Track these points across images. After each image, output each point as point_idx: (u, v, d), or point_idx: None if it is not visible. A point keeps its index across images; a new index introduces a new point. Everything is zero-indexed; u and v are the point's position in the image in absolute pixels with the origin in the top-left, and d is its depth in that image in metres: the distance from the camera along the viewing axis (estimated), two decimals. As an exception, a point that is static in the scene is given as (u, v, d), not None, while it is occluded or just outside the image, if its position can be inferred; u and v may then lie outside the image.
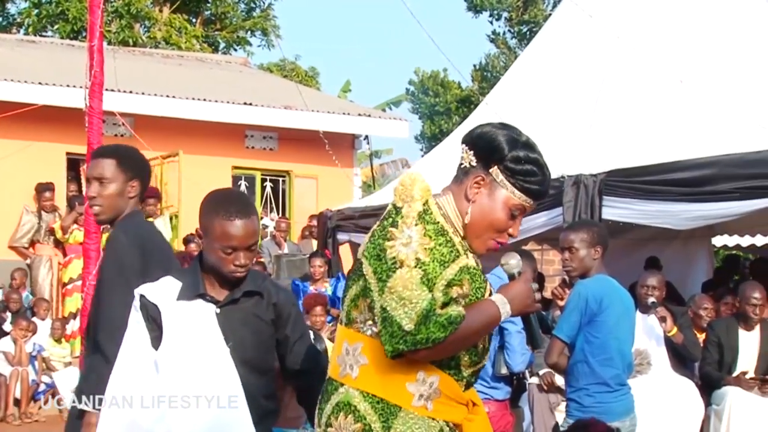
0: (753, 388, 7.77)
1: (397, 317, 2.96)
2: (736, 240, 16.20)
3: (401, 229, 3.05)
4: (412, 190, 3.12)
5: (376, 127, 17.74)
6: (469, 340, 3.08)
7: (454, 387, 3.15)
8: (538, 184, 3.17)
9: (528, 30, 31.89)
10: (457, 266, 3.06)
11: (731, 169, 7.83)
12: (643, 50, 9.61)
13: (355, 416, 3.09)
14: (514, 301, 3.13)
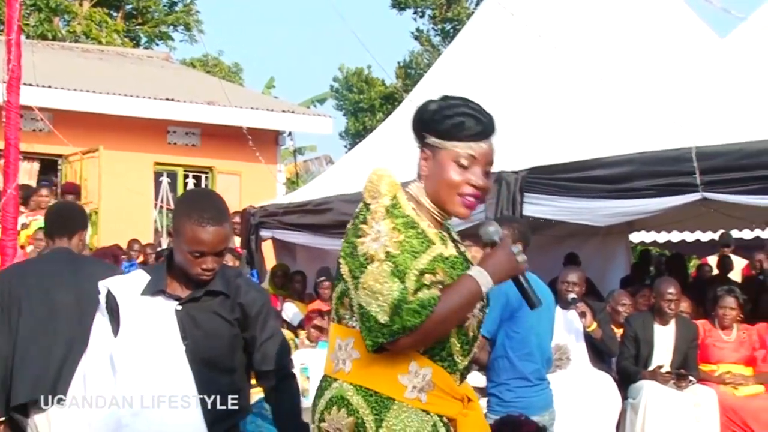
0: (668, 382, 7.89)
1: (371, 312, 2.95)
2: (653, 236, 16.46)
3: (370, 225, 3.03)
4: (379, 186, 3.10)
5: (300, 124, 17.73)
6: (450, 320, 3.02)
7: (448, 380, 3.11)
8: (468, 127, 3.10)
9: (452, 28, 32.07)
10: (430, 256, 3.02)
11: (649, 166, 7.96)
12: (564, 49, 9.72)
13: (348, 409, 3.06)
14: (494, 268, 3.06)
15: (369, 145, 11.59)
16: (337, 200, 10.12)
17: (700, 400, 7.80)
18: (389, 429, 3.02)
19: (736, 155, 7.59)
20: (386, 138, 11.07)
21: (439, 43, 33.03)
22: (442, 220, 3.21)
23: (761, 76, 8.40)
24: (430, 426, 3.06)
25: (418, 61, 33.91)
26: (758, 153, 7.49)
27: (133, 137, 15.55)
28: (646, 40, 10.07)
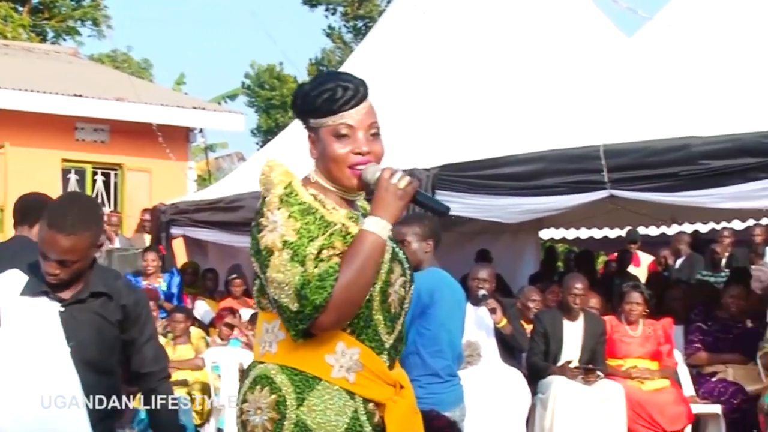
0: (577, 377, 7.99)
1: (283, 303, 2.91)
2: (562, 233, 16.66)
3: (267, 217, 2.98)
4: (271, 176, 3.05)
5: (211, 121, 17.58)
6: (360, 282, 2.94)
7: (377, 361, 3.05)
8: (336, 96, 3.05)
9: (363, 25, 32.09)
10: (327, 234, 2.96)
11: (558, 164, 8.06)
12: (475, 47, 9.80)
13: (271, 388, 3.01)
14: (383, 209, 2.98)
15: (281, 143, 11.55)
16: (249, 197, 10.08)
17: (608, 395, 7.92)
18: (309, 408, 2.97)
19: (643, 153, 7.73)
20: (298, 135, 11.02)
21: (351, 41, 33.03)
22: (350, 197, 3.16)
23: (667, 74, 8.56)
24: (351, 411, 3.00)
25: (330, 58, 33.87)
26: (664, 151, 7.64)
27: (40, 134, 15.27)
28: (556, 39, 10.20)
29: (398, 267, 3.16)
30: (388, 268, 3.09)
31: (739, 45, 8.17)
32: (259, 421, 3.02)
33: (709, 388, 8.48)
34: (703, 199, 7.84)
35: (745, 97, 7.82)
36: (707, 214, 13.17)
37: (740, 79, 7.98)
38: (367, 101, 3.11)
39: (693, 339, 8.83)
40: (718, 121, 7.62)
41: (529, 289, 9.51)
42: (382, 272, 3.05)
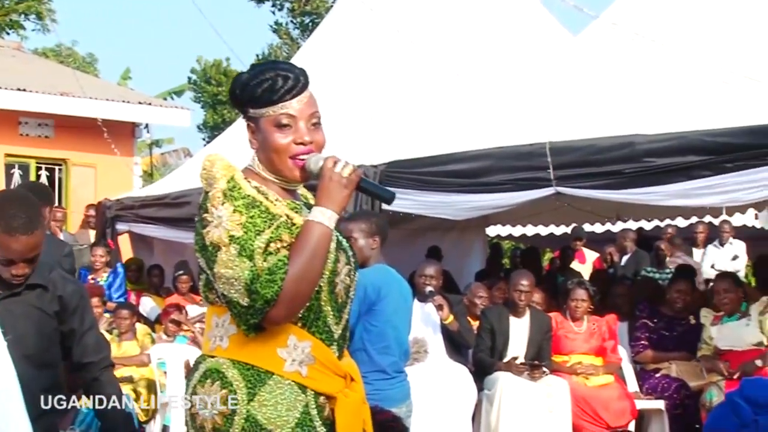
0: (522, 373, 8.03)
1: (233, 299, 2.90)
2: (508, 230, 16.75)
3: (211, 212, 2.96)
4: (213, 170, 3.02)
5: (157, 116, 17.47)
6: (310, 273, 2.93)
7: (328, 353, 3.05)
8: (276, 86, 3.05)
9: (311, 21, 31.98)
10: (274, 227, 2.95)
11: (504, 161, 8.10)
12: (423, 44, 9.82)
13: (222, 382, 2.99)
14: (327, 198, 2.97)
15: (228, 138, 11.50)
16: (196, 193, 9.97)
17: (553, 391, 7.97)
18: (260, 403, 2.96)
19: (588, 151, 7.79)
20: (245, 131, 10.98)
21: (298, 36, 32.93)
22: (291, 187, 3.15)
23: (613, 72, 8.64)
24: (301, 405, 2.99)
25: (277, 54, 33.74)
26: (609, 148, 7.70)
27: (-18, 129, 15.11)
28: (502, 37, 10.25)
29: (343, 256, 3.15)
30: (334, 257, 3.08)
31: (683, 44, 8.25)
32: (209, 414, 3.00)
33: (652, 383, 8.56)
34: (647, 197, 7.91)
35: (689, 96, 7.91)
36: (652, 212, 13.32)
37: (684, 77, 8.07)
38: (308, 91, 3.10)
39: (639, 336, 8.90)
40: (663, 120, 7.70)
41: (475, 286, 9.55)
42: (329, 262, 3.04)
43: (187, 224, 10.02)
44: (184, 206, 10.27)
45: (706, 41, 8.33)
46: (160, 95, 26.07)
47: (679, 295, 8.97)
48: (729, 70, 7.71)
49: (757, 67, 7.63)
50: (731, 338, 8.02)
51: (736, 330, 8.03)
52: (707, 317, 8.32)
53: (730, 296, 8.15)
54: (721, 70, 7.77)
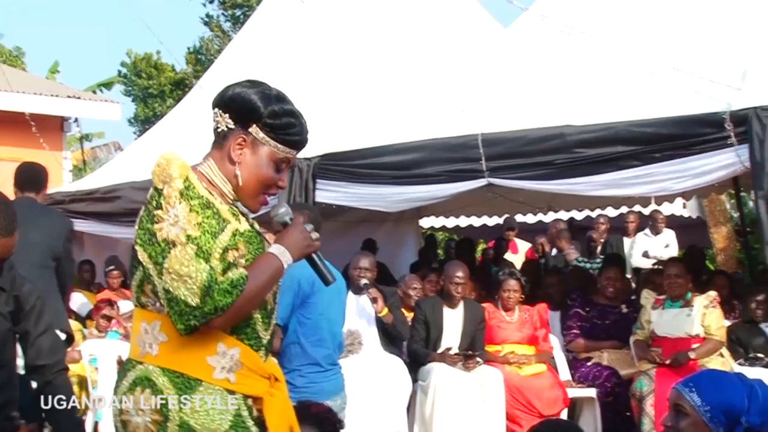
0: (457, 364, 8.08)
1: (181, 296, 2.92)
2: (442, 221, 16.82)
3: (166, 210, 2.98)
4: (170, 169, 3.03)
5: (86, 110, 17.25)
6: (258, 297, 3.05)
7: (255, 358, 3.11)
8: (297, 134, 3.18)
9: (242, 14, 31.80)
10: (229, 232, 3.03)
11: (437, 153, 8.13)
12: (355, 36, 9.82)
13: (153, 390, 3.02)
14: (291, 246, 3.12)
15: (159, 132, 11.41)
16: (127, 188, 9.93)
17: (487, 381, 8.02)
18: (193, 410, 3.00)
19: (520, 142, 7.84)
20: (177, 124, 10.93)
21: (230, 29, 32.73)
22: (231, 200, 3.19)
23: (543, 64, 8.70)
24: (234, 410, 3.05)
25: (209, 47, 33.52)
26: (540, 140, 7.76)
27: None
28: (435, 29, 10.29)
29: None
30: None
31: (611, 36, 8.33)
32: (142, 422, 3.03)
33: (584, 372, 8.65)
34: (577, 187, 7.98)
35: (618, 87, 7.99)
36: (582, 202, 13.45)
37: (613, 69, 8.15)
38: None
39: (571, 325, 8.99)
40: (592, 111, 7.77)
41: (410, 277, 9.58)
42: None
43: (118, 219, 9.94)
44: (115, 201, 10.16)
45: (633, 33, 8.42)
46: (89, 88, 25.75)
47: (609, 282, 9.08)
48: (656, 61, 7.80)
49: (683, 58, 7.73)
50: (669, 325, 8.10)
51: (677, 317, 8.10)
52: (648, 299, 8.36)
53: (681, 281, 8.20)
54: (649, 61, 7.86)
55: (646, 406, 7.76)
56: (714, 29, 8.14)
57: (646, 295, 8.46)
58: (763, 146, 6.88)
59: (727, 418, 3.14)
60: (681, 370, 7.66)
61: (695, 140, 7.20)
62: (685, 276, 8.26)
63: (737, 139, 7.02)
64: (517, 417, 8.03)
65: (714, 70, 7.49)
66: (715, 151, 7.17)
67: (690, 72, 7.50)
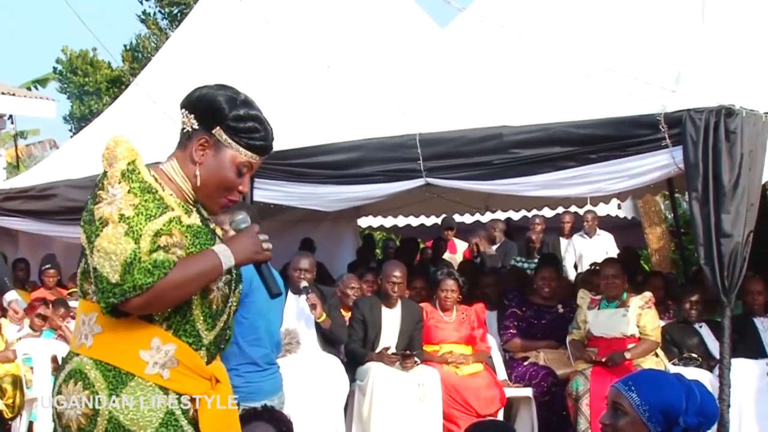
0: (394, 363, 8.09)
1: (104, 273, 2.91)
2: (380, 221, 16.83)
3: (106, 190, 2.99)
4: (116, 150, 3.04)
5: (21, 107, 17.06)
6: (185, 287, 2.99)
7: (194, 357, 3.08)
8: (262, 139, 3.17)
9: (179, 11, 31.53)
10: (166, 218, 3.00)
11: (375, 152, 8.14)
12: (293, 35, 9.79)
13: (84, 383, 3.01)
14: (239, 249, 3.09)
15: (95, 130, 11.29)
16: (63, 185, 9.82)
17: (424, 380, 8.04)
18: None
19: (457, 142, 7.88)
20: (113, 122, 10.82)
21: (167, 27, 32.46)
22: (192, 200, 3.20)
23: (480, 65, 8.74)
24: (164, 407, 3.03)
25: (146, 44, 33.19)
26: (478, 140, 7.80)
27: None
28: (372, 28, 10.28)
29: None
30: None
31: (548, 37, 8.39)
32: (74, 415, 3.02)
33: (521, 372, 8.70)
34: (514, 187, 8.03)
35: (555, 88, 8.05)
36: (519, 202, 13.53)
37: (549, 70, 8.21)
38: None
39: (508, 325, 9.04)
40: (529, 112, 7.82)
41: (348, 277, 9.58)
42: None
43: (53, 217, 9.83)
44: (50, 199, 10.04)
45: (570, 35, 8.48)
46: (24, 85, 25.42)
47: (545, 282, 9.15)
48: (592, 63, 7.87)
49: (619, 60, 7.80)
50: (605, 325, 8.18)
51: (613, 318, 8.18)
52: (584, 299, 8.45)
53: (617, 282, 8.28)
54: (585, 63, 7.93)
55: (582, 406, 7.84)
56: (649, 32, 8.24)
57: (582, 295, 8.54)
58: (696, 148, 6.97)
59: (665, 418, 3.17)
60: (616, 370, 7.76)
61: (630, 142, 7.28)
62: (621, 276, 8.34)
63: (671, 141, 7.11)
64: (455, 416, 8.07)
65: (649, 72, 7.58)
66: (650, 152, 7.25)
67: (625, 74, 7.58)
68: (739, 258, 6.97)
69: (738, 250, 6.96)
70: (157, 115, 9.68)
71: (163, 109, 9.54)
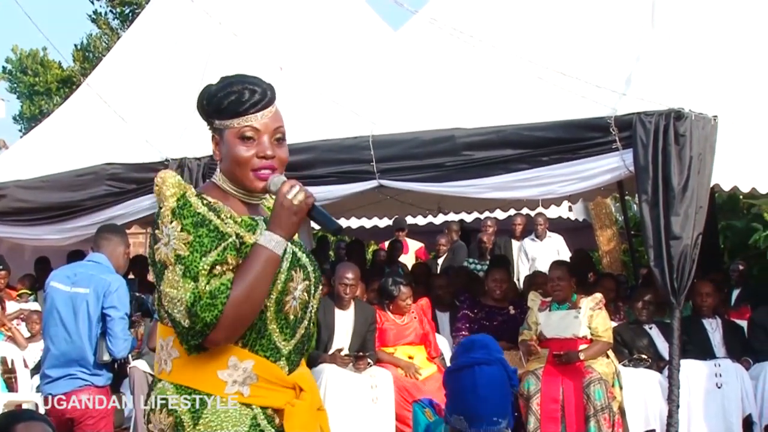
0: (347, 365, 8.11)
1: (176, 319, 2.89)
2: (335, 222, 16.80)
3: (161, 230, 2.95)
4: (163, 188, 3.00)
5: (-31, 107, 16.89)
6: (253, 297, 2.92)
7: (273, 369, 3.04)
8: (238, 99, 3.08)
9: (131, 11, 31.33)
10: (221, 248, 2.94)
11: (328, 154, 8.14)
12: (245, 36, 9.77)
13: (168, 410, 3.00)
14: (279, 224, 3.00)
15: (45, 130, 11.19)
16: (13, 186, 9.70)
17: (377, 382, 8.06)
18: (206, 426, 2.97)
19: (410, 144, 7.90)
20: (64, 122, 10.73)
21: (119, 27, 32.24)
22: (253, 201, 3.16)
23: (433, 67, 8.76)
24: (249, 419, 3.00)
25: (97, 44, 32.96)
26: (430, 142, 7.82)
27: None
28: (325, 30, 10.29)
29: (300, 273, 3.16)
30: (285, 277, 3.09)
31: (500, 40, 8.43)
32: None
33: (473, 372, 8.72)
34: (467, 189, 8.06)
35: (507, 91, 8.08)
36: (472, 204, 13.57)
37: (501, 73, 8.24)
38: (274, 106, 3.14)
39: (460, 327, 9.07)
40: (482, 114, 7.85)
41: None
42: (278, 282, 3.05)
43: (3, 218, 9.71)
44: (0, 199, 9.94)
45: (522, 38, 8.52)
46: (-27, 85, 25.17)
47: (496, 284, 9.20)
48: (544, 66, 7.92)
49: (570, 63, 7.86)
50: (557, 327, 8.24)
51: (564, 319, 8.24)
52: (535, 301, 8.50)
53: (564, 284, 8.34)
54: (537, 65, 7.97)
55: (532, 405, 7.89)
56: (599, 35, 8.29)
57: (532, 297, 8.60)
58: (646, 151, 7.03)
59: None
60: (567, 371, 7.84)
61: (581, 144, 7.33)
62: (567, 279, 8.39)
63: (622, 144, 7.17)
64: (407, 418, 8.06)
65: (599, 75, 7.64)
66: (600, 155, 7.31)
67: (576, 77, 7.63)
68: (688, 260, 7.05)
69: (687, 253, 7.03)
70: (108, 115, 9.62)
71: (114, 109, 9.48)
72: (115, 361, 6.64)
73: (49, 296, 6.67)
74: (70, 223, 9.28)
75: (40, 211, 9.37)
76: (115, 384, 7.21)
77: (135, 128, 9.24)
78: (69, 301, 6.53)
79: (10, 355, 9.30)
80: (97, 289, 6.50)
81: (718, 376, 8.09)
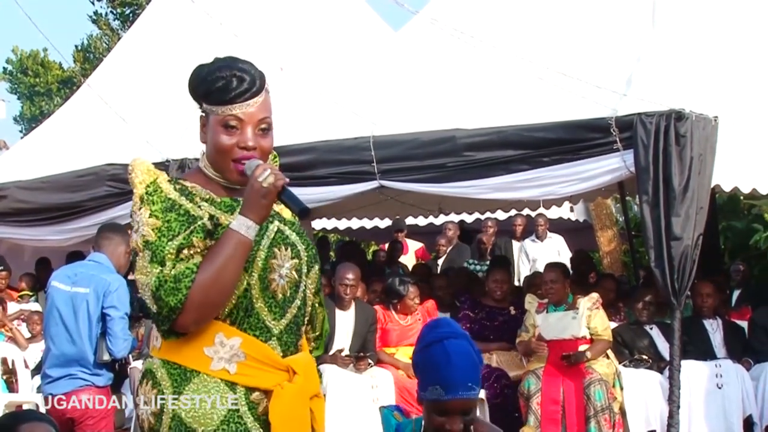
0: (348, 366, 8.11)
1: (148, 304, 2.93)
2: (334, 223, 16.79)
3: (133, 217, 2.99)
4: (133, 176, 3.02)
5: (-31, 107, 16.90)
6: (222, 281, 2.90)
7: (263, 349, 3.02)
8: (225, 87, 3.05)
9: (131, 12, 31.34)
10: (187, 232, 2.92)
11: (329, 154, 8.13)
12: (246, 37, 9.77)
13: (153, 382, 3.02)
14: (249, 208, 2.95)
15: (46, 131, 11.19)
16: (12, 187, 9.70)
17: (378, 382, 8.06)
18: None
19: (411, 145, 7.89)
20: (64, 123, 10.74)
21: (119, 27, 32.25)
22: (234, 187, 3.12)
23: (433, 68, 8.76)
24: (228, 402, 2.99)
25: (97, 45, 32.99)
26: (431, 143, 7.82)
27: None
28: (326, 31, 10.29)
29: (287, 250, 3.13)
30: (266, 254, 3.06)
31: (501, 40, 8.42)
32: (145, 414, 3.06)
33: (473, 373, 8.71)
34: (468, 190, 8.05)
35: (508, 91, 8.08)
36: (472, 205, 13.57)
37: (502, 73, 8.24)
38: (262, 95, 3.11)
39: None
40: (483, 115, 7.85)
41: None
42: (258, 260, 3.03)
43: (4, 219, 9.71)
44: (0, 200, 9.94)
45: (523, 38, 8.52)
46: (-26, 86, 25.19)
47: (497, 285, 9.19)
48: (545, 66, 7.92)
49: (571, 64, 7.86)
50: (556, 328, 8.23)
51: (562, 320, 8.23)
52: (532, 304, 8.50)
53: (558, 286, 8.34)
54: (538, 66, 7.97)
55: (532, 404, 7.89)
56: (600, 36, 8.30)
57: (529, 299, 8.61)
58: (647, 151, 7.03)
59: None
60: (567, 371, 7.84)
61: (582, 145, 7.33)
62: (562, 281, 8.39)
63: (622, 145, 7.17)
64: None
65: (600, 76, 7.63)
66: (601, 156, 7.31)
67: (577, 78, 7.63)
68: (688, 261, 7.04)
69: (688, 253, 7.03)
70: (108, 116, 9.62)
71: (115, 110, 9.48)
72: (115, 362, 6.64)
73: (50, 296, 6.68)
74: (71, 224, 9.28)
75: (41, 211, 9.37)
76: (116, 384, 7.20)
77: (136, 129, 9.24)
78: (69, 300, 6.53)
79: (10, 356, 9.30)
80: (97, 289, 6.50)
81: (718, 376, 8.09)
